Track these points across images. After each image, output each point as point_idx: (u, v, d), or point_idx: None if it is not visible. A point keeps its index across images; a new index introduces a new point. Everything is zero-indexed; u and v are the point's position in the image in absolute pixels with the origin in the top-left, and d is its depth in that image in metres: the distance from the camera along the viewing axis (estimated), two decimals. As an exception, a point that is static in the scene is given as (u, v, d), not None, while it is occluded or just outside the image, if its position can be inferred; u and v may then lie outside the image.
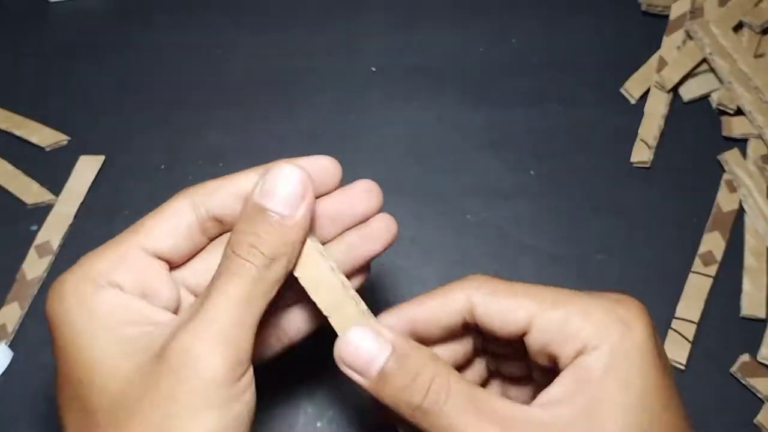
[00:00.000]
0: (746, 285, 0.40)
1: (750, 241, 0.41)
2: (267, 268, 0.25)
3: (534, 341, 0.25)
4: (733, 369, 0.38)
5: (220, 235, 0.28)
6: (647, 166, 0.44)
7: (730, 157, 0.43)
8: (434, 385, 0.24)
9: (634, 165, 0.44)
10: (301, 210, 0.25)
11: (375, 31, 0.49)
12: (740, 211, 0.42)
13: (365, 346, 0.25)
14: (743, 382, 0.37)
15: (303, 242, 0.26)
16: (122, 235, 0.27)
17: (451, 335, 0.28)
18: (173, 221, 0.27)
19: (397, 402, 0.25)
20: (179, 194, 0.27)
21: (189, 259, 0.28)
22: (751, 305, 0.39)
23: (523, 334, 0.25)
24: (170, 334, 0.24)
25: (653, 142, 0.44)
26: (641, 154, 0.44)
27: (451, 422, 0.24)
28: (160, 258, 0.27)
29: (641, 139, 0.44)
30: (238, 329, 0.24)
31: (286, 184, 0.25)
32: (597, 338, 0.24)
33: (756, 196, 0.42)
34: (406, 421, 0.25)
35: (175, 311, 0.27)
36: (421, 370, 0.25)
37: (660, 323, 0.39)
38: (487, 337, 0.28)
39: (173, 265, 0.28)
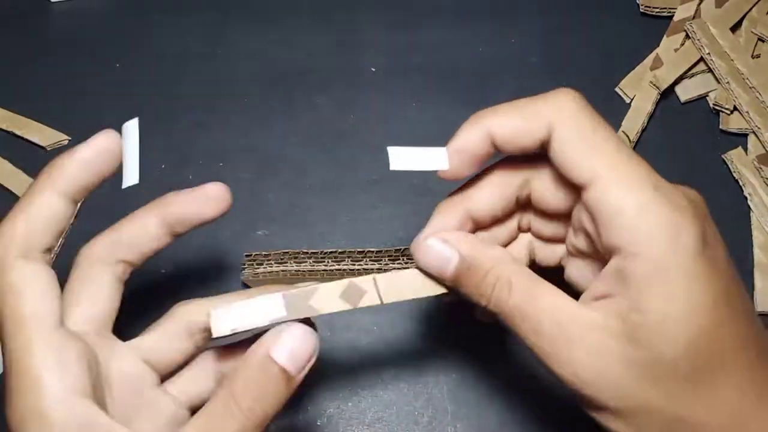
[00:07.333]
0: (758, 282, 0.40)
1: (758, 237, 0.41)
2: (260, 418, 0.26)
3: (585, 203, 0.27)
4: None
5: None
6: None
7: (735, 156, 0.44)
8: (498, 282, 0.28)
9: None
10: (304, 372, 0.27)
11: (375, 31, 0.49)
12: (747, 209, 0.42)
13: (437, 253, 0.29)
14: None
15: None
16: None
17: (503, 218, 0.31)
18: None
19: (473, 296, 0.28)
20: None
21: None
22: (764, 301, 0.39)
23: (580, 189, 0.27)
24: None
25: (635, 137, 0.44)
26: None
27: (514, 314, 0.27)
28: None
29: (623, 131, 0.44)
30: None
31: (302, 344, 0.27)
32: (646, 242, 0.25)
33: (761, 193, 0.42)
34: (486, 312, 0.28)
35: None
36: (488, 269, 0.28)
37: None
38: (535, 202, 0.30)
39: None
